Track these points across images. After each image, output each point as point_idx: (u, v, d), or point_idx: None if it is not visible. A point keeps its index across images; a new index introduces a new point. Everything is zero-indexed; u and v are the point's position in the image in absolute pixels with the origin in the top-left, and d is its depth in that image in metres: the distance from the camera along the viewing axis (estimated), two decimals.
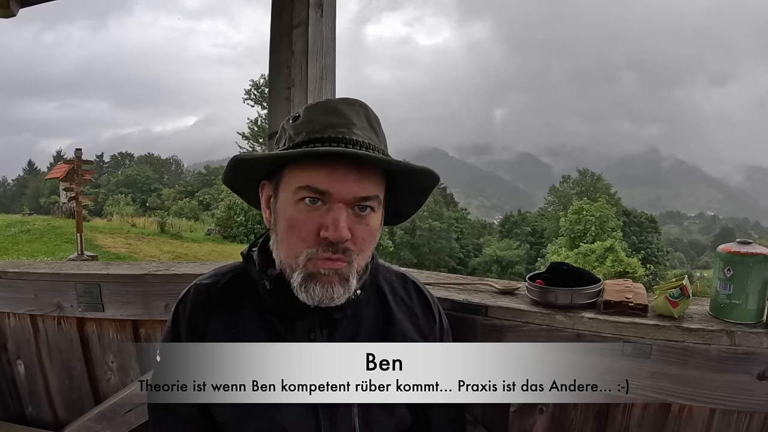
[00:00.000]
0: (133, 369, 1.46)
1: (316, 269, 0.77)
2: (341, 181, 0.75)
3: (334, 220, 0.75)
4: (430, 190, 0.85)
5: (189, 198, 35.12)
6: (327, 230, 0.75)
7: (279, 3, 1.33)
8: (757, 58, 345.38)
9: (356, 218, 0.77)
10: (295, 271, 0.78)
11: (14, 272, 1.50)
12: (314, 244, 0.76)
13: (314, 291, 0.77)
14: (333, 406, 0.82)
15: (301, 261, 0.77)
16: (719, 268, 1.00)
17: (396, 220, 0.91)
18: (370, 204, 0.78)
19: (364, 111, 0.81)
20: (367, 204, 0.77)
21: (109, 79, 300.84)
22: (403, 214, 0.90)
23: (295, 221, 0.77)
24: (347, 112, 0.79)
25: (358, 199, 0.76)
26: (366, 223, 0.78)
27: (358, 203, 0.77)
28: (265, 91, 25.93)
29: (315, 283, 0.77)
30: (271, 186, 0.82)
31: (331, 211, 0.75)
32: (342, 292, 0.78)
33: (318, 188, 0.75)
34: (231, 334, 0.83)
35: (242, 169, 0.82)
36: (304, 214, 0.76)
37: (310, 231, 0.76)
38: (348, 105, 0.80)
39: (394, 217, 0.90)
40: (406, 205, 0.88)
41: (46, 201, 30.35)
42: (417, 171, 0.79)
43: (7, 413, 1.62)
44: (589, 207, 28.52)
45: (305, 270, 0.77)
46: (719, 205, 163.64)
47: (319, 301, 0.78)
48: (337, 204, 0.75)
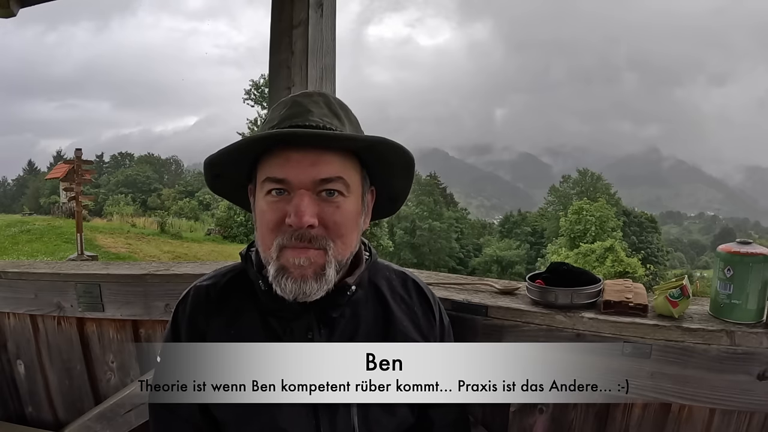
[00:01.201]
0: (133, 369, 1.46)
1: (286, 261, 0.77)
2: (297, 167, 0.75)
3: (295, 206, 0.75)
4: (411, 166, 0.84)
5: (189, 198, 35.14)
6: (290, 217, 0.75)
7: (279, 3, 1.33)
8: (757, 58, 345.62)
9: (324, 203, 0.77)
10: (269, 264, 0.78)
11: (14, 272, 1.50)
12: (281, 233, 0.76)
13: (286, 285, 0.77)
14: (332, 407, 0.82)
15: (273, 252, 0.77)
16: (719, 268, 1.00)
17: (391, 207, 0.91)
18: (335, 187, 0.77)
19: (324, 99, 0.81)
20: (332, 187, 0.77)
21: (111, 79, 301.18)
22: (395, 199, 0.90)
23: (264, 213, 0.78)
24: (305, 102, 0.80)
25: (318, 182, 0.76)
26: (336, 206, 0.77)
27: (322, 187, 0.76)
28: (265, 91, 25.92)
29: (287, 278, 0.77)
30: (252, 189, 0.84)
31: (294, 199, 0.76)
32: (316, 288, 0.77)
33: (276, 177, 0.76)
34: (231, 335, 0.83)
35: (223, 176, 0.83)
36: (271, 205, 0.77)
37: (277, 220, 0.77)
38: (306, 96, 0.82)
39: (389, 203, 0.89)
40: (394, 188, 0.88)
41: (46, 201, 30.36)
42: (377, 144, 0.78)
43: (7, 413, 1.62)
44: (589, 207, 28.53)
45: (277, 262, 0.77)
46: (719, 205, 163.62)
47: (293, 296, 0.77)
48: (298, 191, 0.76)
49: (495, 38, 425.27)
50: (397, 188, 0.88)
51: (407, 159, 0.82)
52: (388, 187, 0.88)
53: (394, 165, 0.83)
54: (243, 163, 0.82)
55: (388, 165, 0.83)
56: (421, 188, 37.71)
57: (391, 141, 0.78)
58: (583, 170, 41.90)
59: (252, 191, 0.84)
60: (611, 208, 30.32)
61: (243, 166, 0.82)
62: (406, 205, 35.53)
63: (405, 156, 0.81)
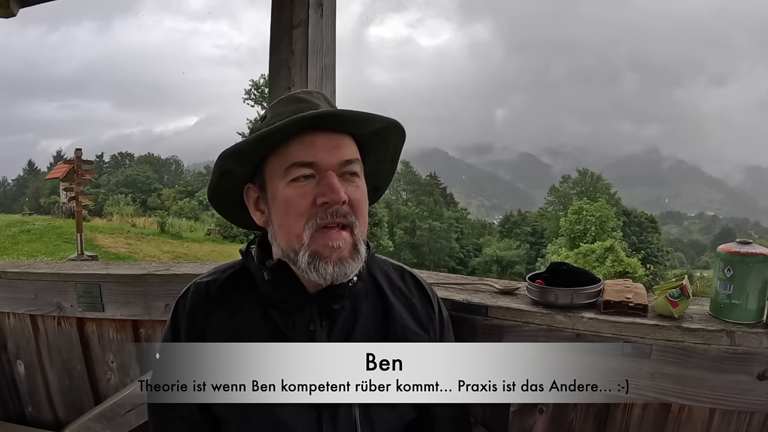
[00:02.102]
0: (133, 369, 1.46)
1: (323, 247, 0.77)
2: (324, 149, 0.78)
3: (328, 185, 0.77)
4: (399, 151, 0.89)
5: (189, 198, 35.09)
6: (324, 195, 0.77)
7: (279, 3, 1.33)
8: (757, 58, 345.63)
9: (348, 183, 0.80)
10: (299, 252, 0.78)
11: (14, 272, 1.50)
12: (314, 215, 0.77)
13: (326, 270, 0.78)
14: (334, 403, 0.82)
15: (306, 237, 0.77)
16: (719, 268, 1.00)
17: (374, 196, 0.92)
18: (355, 168, 0.81)
19: (324, 97, 0.85)
20: (353, 169, 0.80)
21: (112, 79, 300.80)
22: (379, 187, 0.93)
23: (291, 200, 0.78)
24: (308, 98, 0.83)
25: (343, 162, 0.79)
26: (356, 186, 0.81)
27: (345, 169, 0.79)
28: (265, 91, 25.95)
29: (325, 262, 0.77)
30: (255, 187, 0.84)
31: (323, 179, 0.77)
32: (355, 266, 0.80)
33: (305, 161, 0.78)
34: (232, 329, 0.84)
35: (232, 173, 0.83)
36: (299, 190, 0.78)
37: (308, 204, 0.78)
38: (307, 93, 0.85)
39: (372, 193, 0.91)
40: (381, 174, 0.91)
41: (46, 201, 30.33)
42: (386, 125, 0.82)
43: (7, 413, 1.62)
44: (589, 207, 28.53)
45: (310, 248, 0.77)
46: (719, 205, 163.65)
47: (333, 278, 0.78)
48: (327, 172, 0.78)
49: (495, 39, 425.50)
50: (383, 174, 0.92)
51: (400, 143, 0.87)
52: (374, 175, 0.90)
53: (388, 148, 0.87)
54: (256, 158, 0.82)
55: (387, 149, 0.87)
56: (421, 188, 37.75)
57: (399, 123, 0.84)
58: (583, 170, 41.91)
59: (255, 191, 0.84)
60: (611, 208, 30.33)
61: (254, 161, 0.82)
62: (405, 205, 35.70)
63: (401, 140, 0.87)
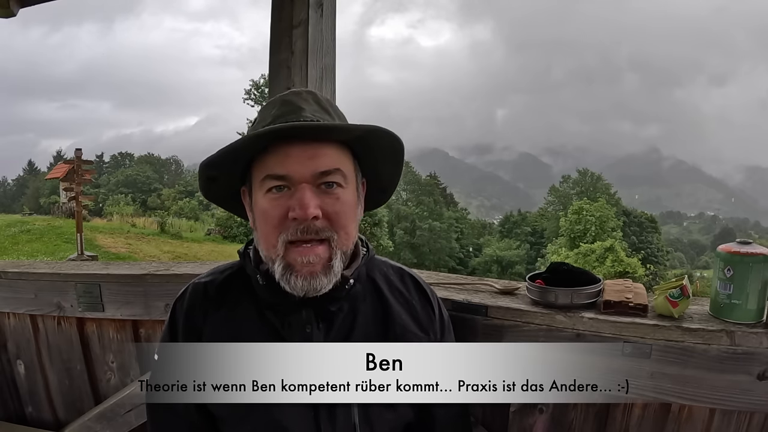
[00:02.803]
0: (133, 369, 1.46)
1: (294, 260, 0.77)
2: (297, 161, 0.76)
3: (299, 199, 0.76)
4: (400, 153, 0.86)
5: (189, 198, 35.06)
6: (294, 210, 0.76)
7: (279, 3, 1.33)
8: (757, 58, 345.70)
9: (325, 195, 0.78)
10: (275, 261, 0.79)
11: (14, 272, 1.50)
12: (285, 228, 0.77)
13: (296, 283, 0.78)
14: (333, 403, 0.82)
15: (279, 249, 0.78)
16: (719, 268, 1.00)
17: (382, 197, 0.92)
18: (334, 179, 0.78)
19: (313, 97, 0.83)
20: (331, 179, 0.78)
21: (112, 80, 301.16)
22: (385, 189, 0.92)
23: (266, 211, 0.79)
24: (295, 100, 0.81)
25: (318, 174, 0.77)
26: (336, 197, 0.79)
27: (322, 180, 0.78)
28: (265, 91, 25.94)
29: (295, 276, 0.78)
30: (247, 190, 0.84)
31: (296, 193, 0.77)
32: (326, 282, 0.78)
33: (277, 174, 0.77)
34: (228, 329, 0.84)
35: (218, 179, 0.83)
36: (273, 202, 0.78)
37: (281, 216, 0.77)
38: (295, 94, 0.83)
39: (379, 193, 0.90)
40: (385, 177, 0.89)
41: (46, 201, 30.34)
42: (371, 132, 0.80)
43: (7, 413, 1.62)
44: (589, 207, 28.53)
45: (284, 260, 0.78)
46: (719, 205, 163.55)
47: (303, 292, 0.78)
48: (300, 185, 0.77)
49: (496, 39, 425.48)
50: (387, 177, 0.90)
51: (398, 146, 0.84)
52: (379, 177, 0.89)
53: (386, 151, 0.85)
54: (239, 164, 0.82)
55: (380, 153, 0.85)
56: (421, 188, 37.72)
57: (383, 128, 0.81)
58: (583, 170, 41.92)
59: (245, 193, 0.85)
60: (611, 208, 30.32)
61: (238, 167, 0.82)
62: (405, 205, 35.69)
63: (396, 142, 0.84)
